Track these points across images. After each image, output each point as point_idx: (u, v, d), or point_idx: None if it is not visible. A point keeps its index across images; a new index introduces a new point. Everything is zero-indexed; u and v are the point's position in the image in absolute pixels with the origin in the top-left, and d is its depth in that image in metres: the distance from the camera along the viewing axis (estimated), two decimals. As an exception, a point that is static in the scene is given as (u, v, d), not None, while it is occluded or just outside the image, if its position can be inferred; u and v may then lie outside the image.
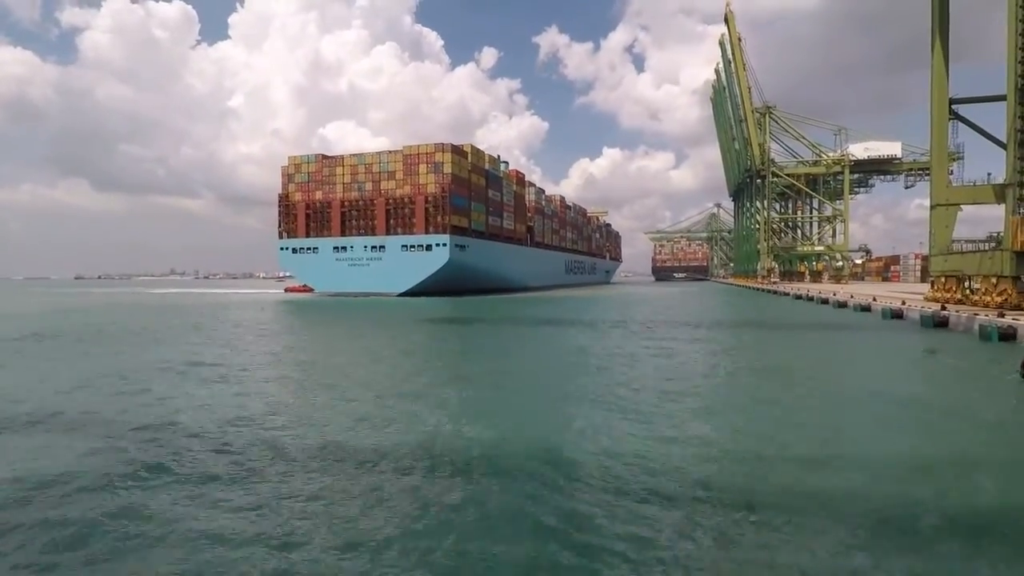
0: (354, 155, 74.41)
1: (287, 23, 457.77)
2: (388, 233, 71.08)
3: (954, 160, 46.06)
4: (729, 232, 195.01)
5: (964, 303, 34.62)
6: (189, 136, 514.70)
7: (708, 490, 7.34)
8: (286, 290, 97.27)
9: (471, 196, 74.42)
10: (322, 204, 74.60)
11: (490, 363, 19.52)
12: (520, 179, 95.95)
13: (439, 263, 68.34)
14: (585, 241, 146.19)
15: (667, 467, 8.20)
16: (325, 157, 75.96)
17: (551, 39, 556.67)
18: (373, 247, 71.48)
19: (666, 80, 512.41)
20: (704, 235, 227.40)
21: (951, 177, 40.69)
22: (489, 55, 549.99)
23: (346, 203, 73.47)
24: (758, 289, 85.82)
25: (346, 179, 73.70)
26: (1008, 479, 8.07)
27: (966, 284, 36.24)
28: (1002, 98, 33.31)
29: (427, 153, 70.00)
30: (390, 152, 72.50)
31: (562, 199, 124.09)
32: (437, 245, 68.28)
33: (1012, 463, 8.74)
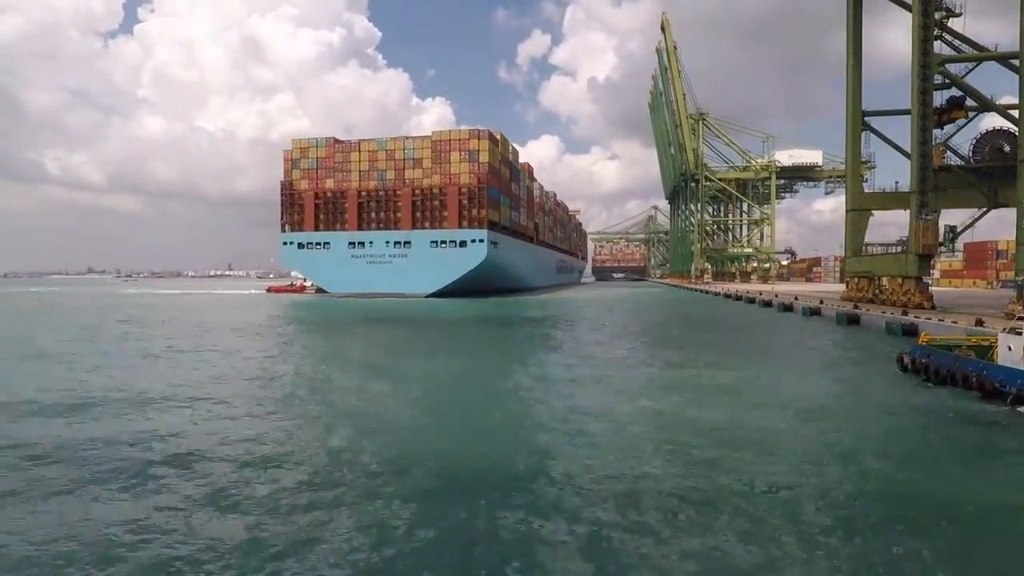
0: (373, 139, 66.84)
1: (210, 8, 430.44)
2: (414, 227, 64.17)
3: (868, 168, 49.14)
4: (666, 234, 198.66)
5: (875, 301, 37.45)
6: (100, 125, 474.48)
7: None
8: (269, 290, 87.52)
9: (501, 189, 68.80)
10: (335, 194, 66.46)
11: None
12: (530, 172, 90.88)
13: (475, 261, 62.23)
14: (567, 240, 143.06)
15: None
16: (338, 141, 67.84)
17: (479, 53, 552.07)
18: (397, 242, 64.25)
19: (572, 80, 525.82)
20: (642, 236, 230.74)
21: (865, 184, 44.03)
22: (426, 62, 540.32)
23: (364, 193, 65.78)
24: (692, 289, 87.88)
25: (363, 166, 66.03)
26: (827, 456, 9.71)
27: (876, 284, 38.94)
28: (908, 112, 35.62)
29: (460, 140, 63.68)
30: (417, 138, 65.56)
31: (555, 195, 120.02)
32: (473, 241, 62.11)
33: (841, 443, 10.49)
